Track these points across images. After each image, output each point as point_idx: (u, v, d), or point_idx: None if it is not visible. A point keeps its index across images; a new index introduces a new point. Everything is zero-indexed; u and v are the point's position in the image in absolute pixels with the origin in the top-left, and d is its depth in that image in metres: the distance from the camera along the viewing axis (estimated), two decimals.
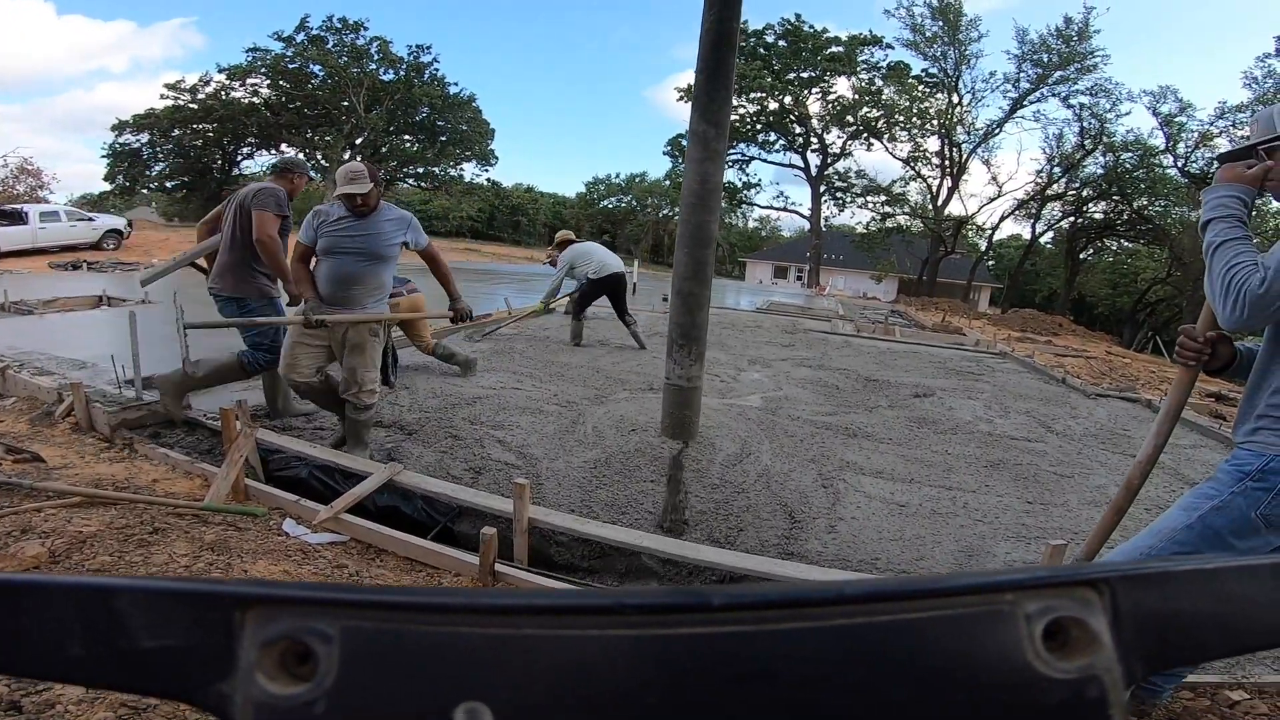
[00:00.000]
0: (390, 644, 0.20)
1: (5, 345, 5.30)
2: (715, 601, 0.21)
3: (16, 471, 3.04)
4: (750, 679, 0.20)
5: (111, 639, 0.20)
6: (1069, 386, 7.32)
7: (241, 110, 32.84)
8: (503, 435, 3.90)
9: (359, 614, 0.20)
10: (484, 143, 38.48)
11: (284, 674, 0.20)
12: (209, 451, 3.61)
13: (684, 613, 0.20)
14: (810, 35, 34.37)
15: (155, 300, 8.82)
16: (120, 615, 0.20)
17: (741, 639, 0.20)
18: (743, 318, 12.13)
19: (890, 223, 35.47)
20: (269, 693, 0.19)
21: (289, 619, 0.20)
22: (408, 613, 0.20)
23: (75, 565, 2.21)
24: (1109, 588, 0.22)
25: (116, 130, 32.29)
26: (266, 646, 0.20)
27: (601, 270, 7.03)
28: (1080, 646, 0.21)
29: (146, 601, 0.20)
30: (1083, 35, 29.22)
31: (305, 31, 33.20)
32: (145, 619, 0.20)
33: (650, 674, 0.20)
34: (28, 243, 15.31)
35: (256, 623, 0.20)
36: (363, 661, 0.19)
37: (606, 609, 0.20)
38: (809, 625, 0.20)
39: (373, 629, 0.20)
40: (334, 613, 0.20)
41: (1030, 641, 0.21)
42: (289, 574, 2.38)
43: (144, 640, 0.20)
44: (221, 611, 0.20)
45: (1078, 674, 0.21)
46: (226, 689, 0.20)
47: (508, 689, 0.20)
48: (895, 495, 3.49)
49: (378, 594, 0.20)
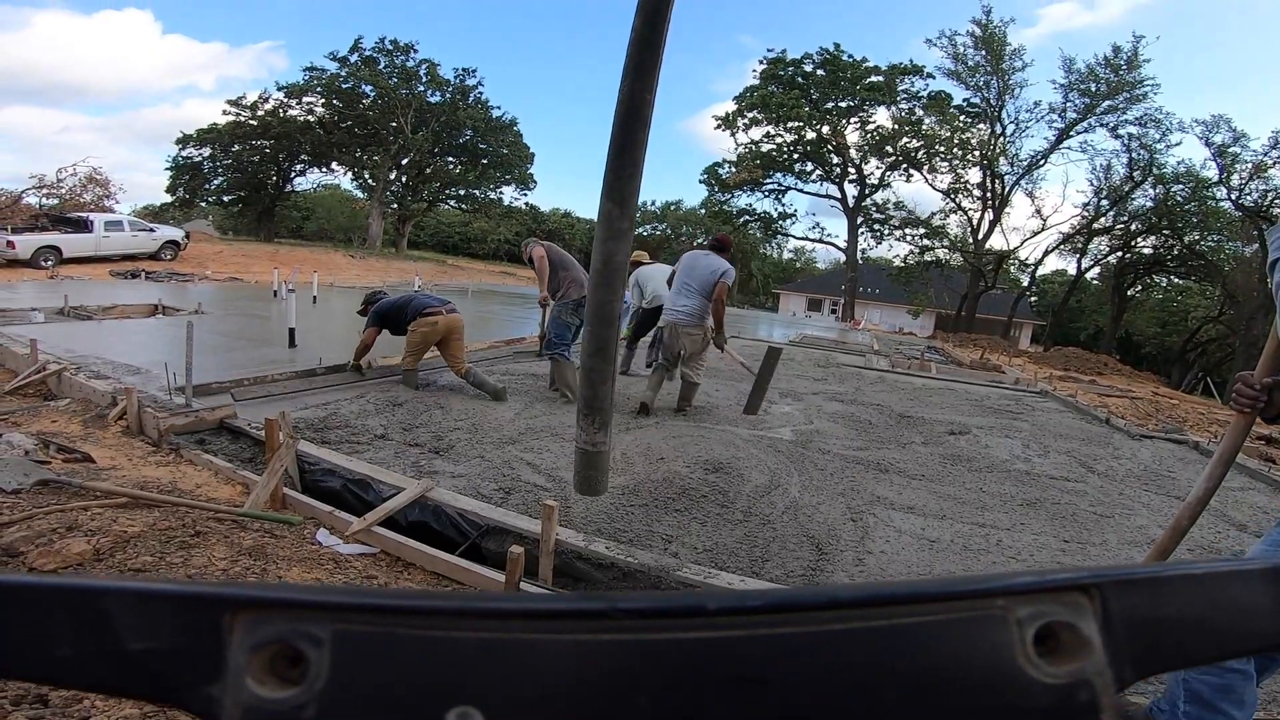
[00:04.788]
0: (382, 647, 0.19)
1: (63, 349, 5.56)
2: (710, 606, 0.20)
3: (66, 470, 3.18)
4: (744, 684, 0.20)
5: (99, 641, 0.20)
6: (1113, 427, 7.09)
7: (297, 128, 34.05)
8: (532, 458, 3.94)
9: (350, 617, 0.20)
10: (524, 166, 39.24)
11: (274, 677, 0.19)
12: (250, 460, 3.72)
13: (677, 617, 0.20)
14: (849, 64, 34.40)
15: (208, 311, 9.16)
16: (108, 617, 0.20)
17: (735, 644, 0.20)
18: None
19: (929, 256, 34.94)
20: (258, 696, 0.19)
21: (279, 622, 0.19)
22: (399, 616, 0.20)
23: (119, 564, 2.30)
24: (1099, 592, 0.21)
25: (180, 144, 33.79)
26: (256, 650, 0.19)
27: (654, 300, 6.67)
28: (1071, 651, 0.21)
29: (135, 603, 0.20)
30: (1132, 64, 28.68)
31: (359, 52, 34.47)
32: (133, 621, 0.20)
33: (643, 679, 0.20)
34: (91, 250, 15.97)
35: (246, 626, 0.19)
36: (354, 665, 0.19)
37: (599, 613, 0.20)
38: (803, 630, 0.20)
39: (364, 632, 0.19)
40: (325, 616, 0.20)
41: (1022, 646, 0.21)
42: (321, 582, 2.43)
43: (132, 642, 0.20)
44: (210, 614, 0.20)
45: (1068, 678, 0.20)
46: (215, 692, 0.19)
47: (500, 693, 0.19)
48: (926, 531, 3.42)
49: (369, 597, 0.20)
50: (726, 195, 38.78)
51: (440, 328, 5.37)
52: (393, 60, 35.05)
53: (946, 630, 0.21)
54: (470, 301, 15.47)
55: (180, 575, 2.28)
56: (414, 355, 5.42)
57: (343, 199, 46.36)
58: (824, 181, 37.85)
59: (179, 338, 4.17)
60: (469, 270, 33.44)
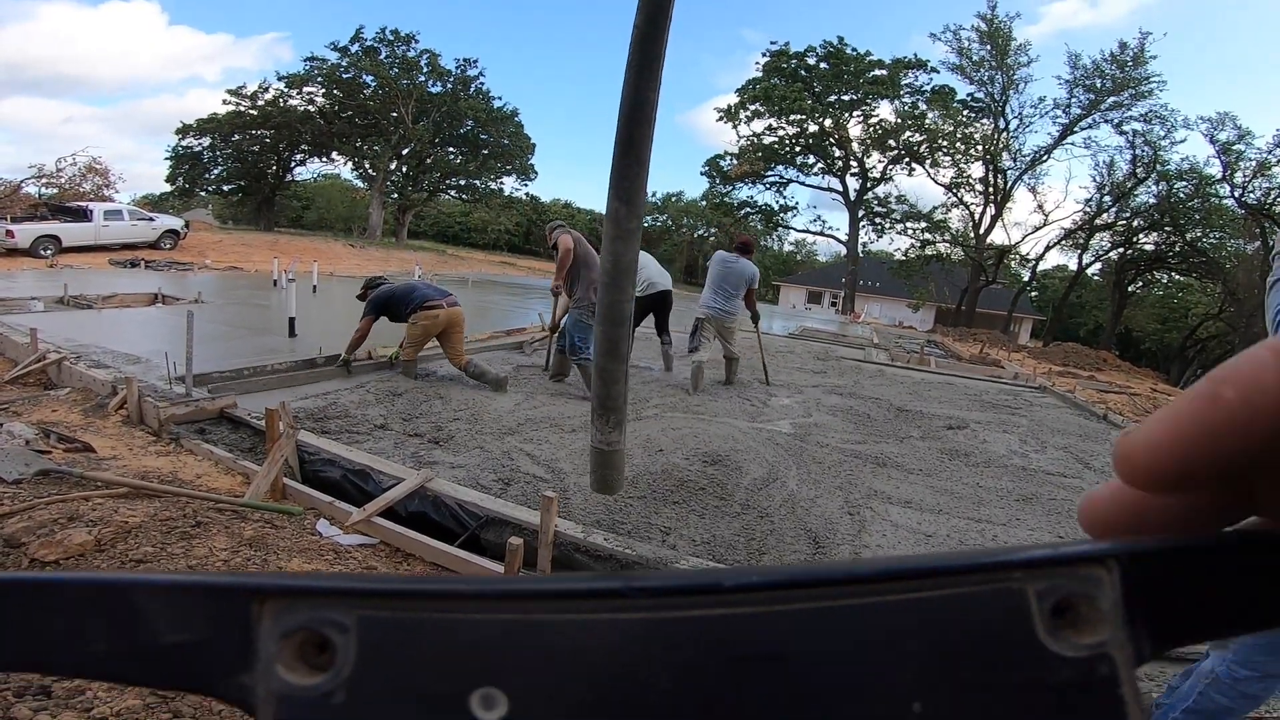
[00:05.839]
0: (405, 632, 0.20)
1: (64, 338, 5.56)
2: (726, 583, 0.20)
3: (67, 460, 3.19)
4: (762, 660, 0.20)
5: (133, 635, 0.20)
6: (1110, 423, 7.11)
7: (297, 117, 33.91)
8: (532, 449, 3.95)
9: (373, 603, 0.20)
10: (525, 157, 39.15)
11: (302, 665, 0.20)
12: (250, 450, 3.73)
13: (694, 595, 0.20)
14: (853, 58, 34.25)
15: (208, 300, 9.16)
16: (141, 611, 0.20)
17: (753, 620, 0.20)
18: (775, 342, 12.06)
19: (930, 250, 34.88)
20: (289, 684, 0.19)
21: (305, 610, 0.20)
22: (420, 600, 0.20)
23: (120, 554, 2.31)
24: (1118, 564, 0.21)
25: (180, 134, 33.68)
26: (285, 638, 0.20)
27: (649, 288, 6.65)
28: (1090, 624, 0.20)
29: (166, 596, 0.20)
30: (1138, 60, 28.55)
31: (360, 42, 34.30)
32: (165, 614, 0.20)
33: (661, 657, 0.20)
34: (90, 239, 15.96)
35: (274, 614, 0.20)
36: (378, 650, 0.19)
37: (615, 593, 0.20)
38: (820, 605, 0.20)
39: (387, 618, 0.20)
40: (349, 602, 0.20)
41: (1041, 619, 0.20)
42: (321, 572, 2.45)
43: (165, 635, 0.20)
44: (239, 604, 0.20)
45: (1088, 652, 0.20)
46: (248, 681, 0.20)
47: (520, 674, 0.19)
48: (922, 525, 3.43)
49: (391, 583, 0.21)
50: (728, 187, 38.69)
51: (442, 320, 5.37)
52: (394, 50, 34.90)
53: (965, 604, 0.20)
54: (470, 291, 15.46)
55: (181, 566, 2.30)
56: (414, 347, 5.42)
57: (343, 189, 46.26)
58: (826, 175, 37.75)
59: (179, 327, 4.18)
60: (469, 260, 33.40)
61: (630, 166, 2.62)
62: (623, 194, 2.59)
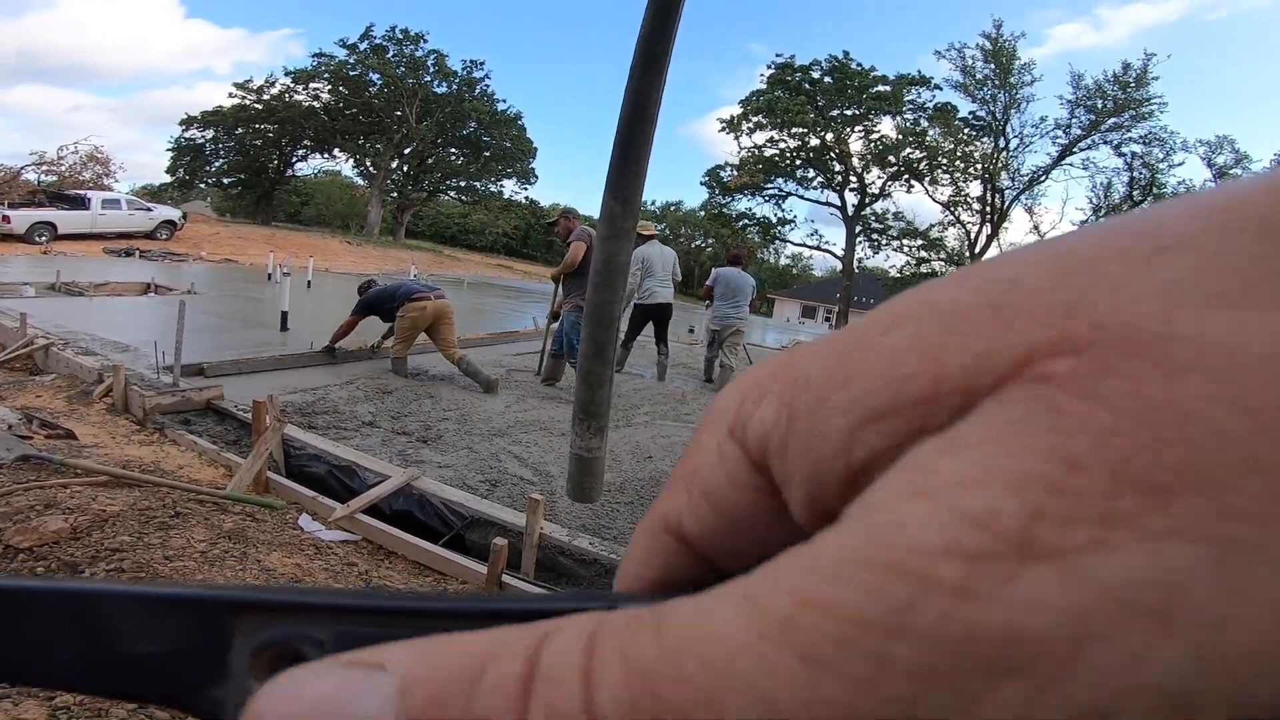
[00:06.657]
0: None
1: (52, 324, 5.52)
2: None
3: (48, 447, 3.15)
4: None
5: (103, 645, 0.19)
6: None
7: (301, 113, 33.92)
8: (520, 451, 3.93)
9: (351, 619, 0.19)
10: (526, 161, 39.21)
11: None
12: (235, 442, 3.69)
13: None
14: (857, 73, 34.48)
15: (201, 291, 9.11)
16: (112, 621, 0.19)
17: None
18: (766, 354, 12.08)
19: (925, 268, 35.06)
20: None
21: (281, 624, 0.19)
22: (399, 618, 0.19)
23: (95, 543, 2.27)
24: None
25: (184, 125, 33.63)
26: (259, 652, 0.19)
27: (650, 297, 6.42)
28: None
29: (138, 607, 0.20)
30: (1140, 81, 28.75)
31: (369, 40, 34.38)
32: (137, 624, 0.19)
33: None
34: (87, 227, 15.93)
35: (249, 628, 0.19)
36: None
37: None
38: None
39: (365, 634, 0.19)
40: (326, 618, 0.19)
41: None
42: (300, 567, 2.41)
43: (136, 646, 0.19)
44: (214, 616, 0.19)
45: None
46: (220, 695, 0.19)
47: None
48: None
49: (369, 599, 0.20)
50: (727, 198, 38.80)
51: (429, 313, 5.34)
52: (402, 49, 34.99)
53: None
54: (466, 294, 15.40)
55: (158, 556, 2.26)
56: (404, 342, 5.40)
57: (342, 185, 46.24)
58: (825, 188, 37.88)
59: (170, 317, 4.14)
60: (466, 262, 33.35)
61: (629, 166, 2.60)
62: (619, 194, 2.57)
